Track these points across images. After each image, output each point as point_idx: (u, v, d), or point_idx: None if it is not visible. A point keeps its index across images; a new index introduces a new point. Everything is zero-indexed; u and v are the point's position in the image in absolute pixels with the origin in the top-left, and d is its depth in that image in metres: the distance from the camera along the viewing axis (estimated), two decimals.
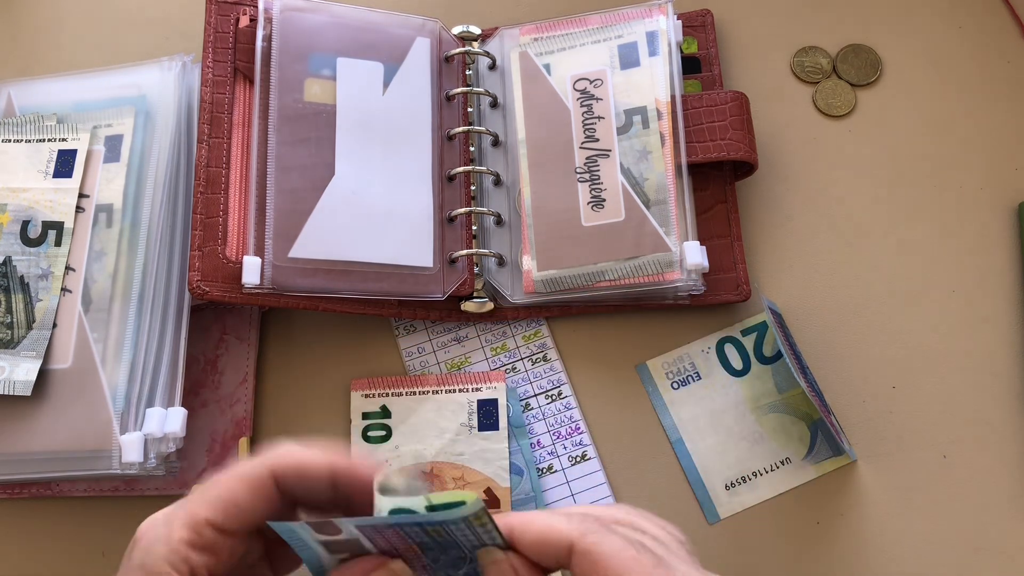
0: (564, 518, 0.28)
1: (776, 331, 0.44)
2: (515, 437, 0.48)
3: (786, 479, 0.47)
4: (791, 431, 0.48)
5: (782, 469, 0.47)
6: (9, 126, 0.49)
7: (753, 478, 0.47)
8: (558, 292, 0.48)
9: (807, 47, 0.55)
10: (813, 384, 0.47)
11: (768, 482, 0.47)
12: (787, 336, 0.48)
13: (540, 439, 0.48)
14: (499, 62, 0.53)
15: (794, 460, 0.47)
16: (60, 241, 0.47)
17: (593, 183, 0.49)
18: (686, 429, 0.48)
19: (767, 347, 0.49)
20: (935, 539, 0.46)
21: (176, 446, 0.45)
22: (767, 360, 0.49)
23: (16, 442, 0.44)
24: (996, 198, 0.52)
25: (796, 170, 0.53)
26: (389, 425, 0.48)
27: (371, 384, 0.49)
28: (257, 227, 0.47)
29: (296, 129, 0.48)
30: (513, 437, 0.48)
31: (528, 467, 0.47)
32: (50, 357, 0.45)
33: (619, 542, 0.27)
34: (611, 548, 0.27)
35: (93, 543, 0.48)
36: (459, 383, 0.49)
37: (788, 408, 0.48)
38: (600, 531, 0.28)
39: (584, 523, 0.28)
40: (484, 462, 0.47)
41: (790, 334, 0.49)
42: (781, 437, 0.48)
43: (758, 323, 0.50)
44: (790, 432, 0.48)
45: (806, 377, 0.46)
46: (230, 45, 0.50)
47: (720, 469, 0.48)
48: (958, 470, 0.47)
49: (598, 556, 0.27)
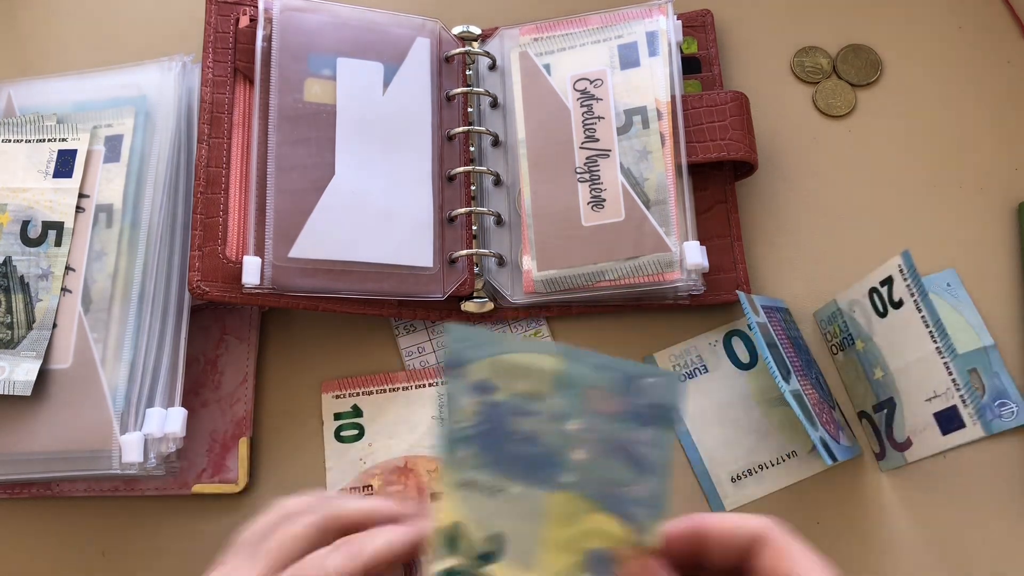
0: (755, 516, 0.30)
1: (759, 336, 0.44)
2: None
3: (792, 472, 0.47)
4: (797, 425, 0.48)
5: (788, 462, 0.47)
6: (9, 126, 0.49)
7: (759, 471, 0.47)
8: (558, 292, 0.48)
9: (807, 47, 0.55)
10: (817, 380, 0.47)
11: (774, 475, 0.47)
12: (788, 332, 0.48)
13: None
14: (499, 62, 0.53)
15: (800, 454, 0.48)
16: (60, 241, 0.47)
17: (593, 183, 0.49)
18: (693, 421, 0.48)
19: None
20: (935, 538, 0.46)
21: (176, 446, 0.45)
22: None
23: (16, 442, 0.44)
24: (996, 198, 0.52)
25: (796, 170, 0.53)
26: (361, 424, 0.49)
27: (341, 385, 0.50)
28: (257, 227, 0.47)
29: (296, 129, 0.48)
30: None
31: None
32: (50, 357, 0.45)
33: (802, 543, 0.29)
34: (800, 546, 0.29)
35: (93, 543, 0.48)
36: (428, 378, 0.49)
37: None
38: (787, 531, 0.29)
39: (772, 521, 0.30)
40: None
41: (795, 328, 0.49)
42: (787, 430, 0.48)
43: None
44: (796, 426, 0.48)
45: (805, 375, 0.46)
46: (230, 45, 0.50)
47: (726, 461, 0.48)
48: (958, 470, 0.47)
49: (789, 551, 0.28)
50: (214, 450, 0.48)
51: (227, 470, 0.48)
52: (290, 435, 0.49)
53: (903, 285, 0.42)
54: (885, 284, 0.43)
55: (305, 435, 0.49)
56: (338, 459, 0.48)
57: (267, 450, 0.49)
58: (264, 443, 0.49)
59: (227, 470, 0.48)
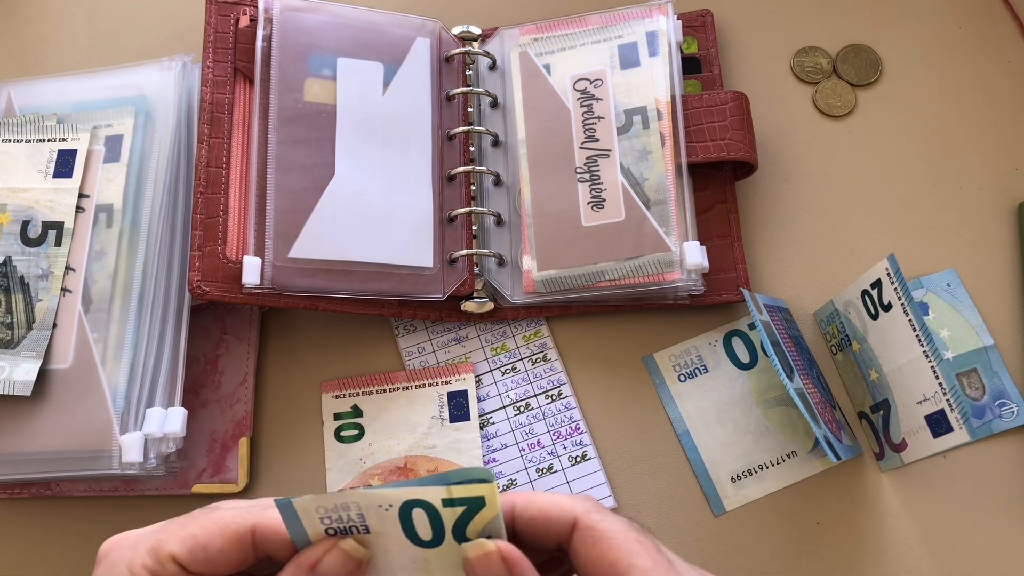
0: (567, 497, 0.28)
1: (762, 330, 0.44)
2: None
3: (792, 472, 0.47)
4: (797, 424, 0.48)
5: (788, 462, 0.47)
6: (9, 126, 0.49)
7: (759, 471, 0.47)
8: (558, 292, 0.48)
9: (807, 47, 0.55)
10: (818, 379, 0.47)
11: (774, 475, 0.47)
12: (788, 331, 0.48)
13: (540, 439, 0.48)
14: (499, 62, 0.53)
15: (800, 454, 0.48)
16: (60, 241, 0.47)
17: (593, 183, 0.49)
18: (693, 422, 0.48)
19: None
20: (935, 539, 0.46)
21: (176, 446, 0.45)
22: None
23: (16, 442, 0.44)
24: (996, 198, 0.52)
25: (796, 170, 0.53)
26: (361, 424, 0.49)
27: (341, 385, 0.50)
28: (257, 227, 0.47)
29: (296, 129, 0.48)
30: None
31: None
32: (50, 357, 0.45)
33: (623, 522, 0.27)
34: (615, 527, 0.26)
35: (93, 543, 0.48)
36: (428, 377, 0.49)
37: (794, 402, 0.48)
38: (603, 511, 0.27)
39: (587, 502, 0.27)
40: (457, 452, 0.48)
41: (796, 327, 0.49)
42: (787, 430, 0.48)
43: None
44: (796, 425, 0.48)
45: (807, 374, 0.46)
46: (230, 45, 0.50)
47: (726, 461, 0.48)
48: (958, 470, 0.47)
49: (602, 533, 0.26)
50: (214, 450, 0.48)
51: (227, 470, 0.48)
52: (290, 435, 0.49)
53: (891, 288, 0.42)
54: (875, 287, 0.43)
55: (305, 435, 0.49)
56: (338, 459, 0.48)
57: (267, 450, 0.49)
58: (264, 443, 0.49)
59: (227, 470, 0.48)
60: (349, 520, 0.27)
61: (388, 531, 0.27)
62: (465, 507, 0.26)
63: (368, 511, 0.26)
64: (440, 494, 0.26)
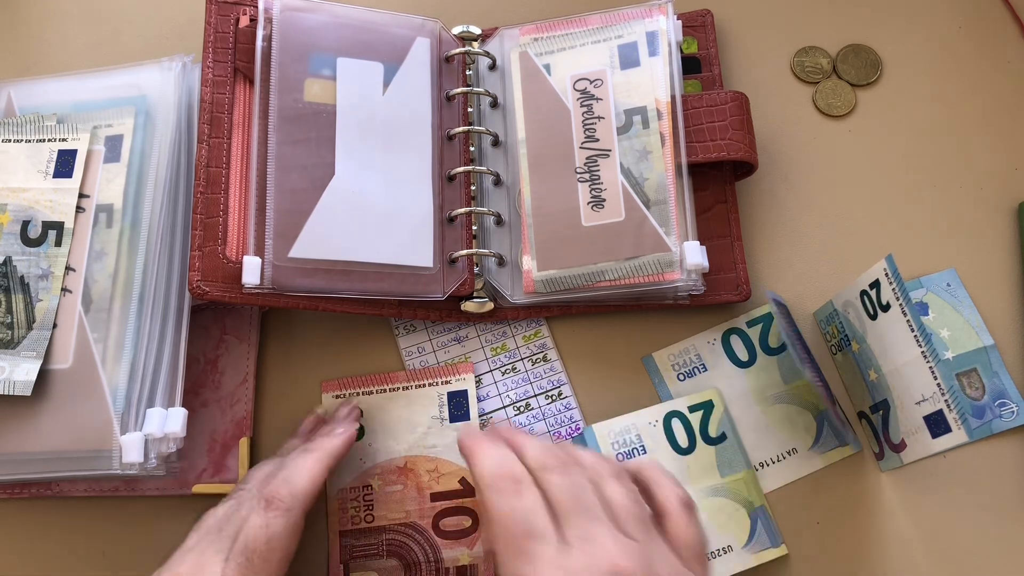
0: (541, 449, 0.32)
1: (780, 320, 0.45)
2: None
3: (792, 470, 0.47)
4: (797, 421, 0.48)
5: (789, 459, 0.48)
6: (9, 126, 0.49)
7: (759, 469, 0.47)
8: (558, 292, 0.48)
9: (807, 47, 0.55)
10: (819, 374, 0.47)
11: (775, 472, 0.47)
12: (793, 327, 0.48)
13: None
14: (499, 62, 0.53)
15: (800, 450, 0.48)
16: (60, 241, 0.47)
17: (593, 183, 0.49)
18: None
19: (772, 338, 0.49)
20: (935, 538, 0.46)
21: (176, 446, 0.45)
22: (772, 351, 0.49)
23: (16, 442, 0.44)
24: (996, 198, 0.52)
25: (796, 170, 0.53)
26: (361, 424, 0.49)
27: (341, 385, 0.50)
28: (257, 227, 0.47)
29: (296, 129, 0.48)
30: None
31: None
32: (50, 357, 0.45)
33: (512, 503, 0.30)
34: (500, 505, 0.30)
35: (93, 543, 0.48)
36: (428, 377, 0.49)
37: (794, 399, 0.48)
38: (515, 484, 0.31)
39: (546, 457, 0.32)
40: (457, 452, 0.48)
41: (796, 326, 0.49)
42: (787, 428, 0.48)
43: (763, 315, 0.50)
44: (796, 422, 0.48)
45: (812, 367, 0.46)
46: (230, 45, 0.50)
47: None
48: (958, 469, 0.47)
49: (489, 506, 0.30)
50: (214, 450, 0.48)
51: (227, 470, 0.48)
52: (290, 435, 0.49)
53: (889, 289, 0.42)
54: (873, 287, 0.43)
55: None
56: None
57: (267, 450, 0.49)
58: (264, 443, 0.49)
59: (227, 470, 0.48)
60: (630, 443, 0.42)
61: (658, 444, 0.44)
62: (702, 411, 0.45)
63: (643, 431, 0.41)
64: (685, 403, 0.46)
